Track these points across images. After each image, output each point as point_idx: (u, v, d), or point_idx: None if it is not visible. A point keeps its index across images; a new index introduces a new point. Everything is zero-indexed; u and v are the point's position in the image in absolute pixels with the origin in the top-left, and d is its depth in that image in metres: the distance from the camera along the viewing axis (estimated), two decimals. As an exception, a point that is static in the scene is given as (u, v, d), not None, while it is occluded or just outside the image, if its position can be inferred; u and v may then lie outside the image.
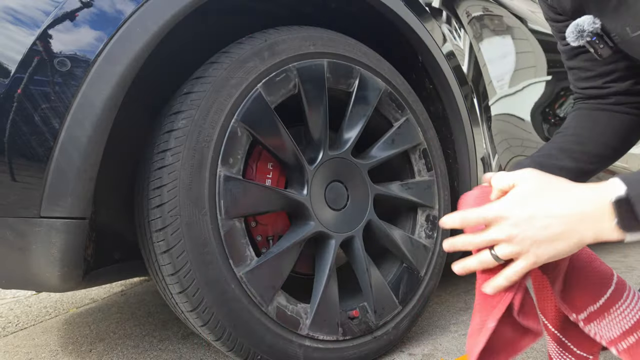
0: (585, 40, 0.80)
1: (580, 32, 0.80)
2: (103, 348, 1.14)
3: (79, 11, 0.67)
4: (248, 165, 0.94)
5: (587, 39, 0.80)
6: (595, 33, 0.79)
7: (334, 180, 0.94)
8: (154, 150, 0.76)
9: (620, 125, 0.85)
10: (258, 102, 0.82)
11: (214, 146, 0.76)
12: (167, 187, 0.72)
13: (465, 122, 1.21)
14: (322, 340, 0.85)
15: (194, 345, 1.13)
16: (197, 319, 0.74)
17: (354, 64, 0.98)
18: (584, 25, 0.79)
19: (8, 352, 1.17)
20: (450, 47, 1.21)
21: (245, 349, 0.77)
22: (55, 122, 0.64)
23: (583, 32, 0.79)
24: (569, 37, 0.81)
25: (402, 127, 1.06)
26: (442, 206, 1.13)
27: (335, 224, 0.93)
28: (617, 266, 1.96)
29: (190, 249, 0.72)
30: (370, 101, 0.99)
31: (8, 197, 0.63)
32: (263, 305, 0.79)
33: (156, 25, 0.71)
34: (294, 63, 0.88)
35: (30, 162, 0.64)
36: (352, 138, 0.96)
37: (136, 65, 0.69)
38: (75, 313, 1.57)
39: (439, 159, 1.14)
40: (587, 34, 0.79)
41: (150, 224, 0.74)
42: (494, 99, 1.38)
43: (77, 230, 0.67)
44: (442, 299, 1.47)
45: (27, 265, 0.67)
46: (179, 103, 0.77)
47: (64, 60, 0.65)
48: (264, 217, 0.96)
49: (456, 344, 1.03)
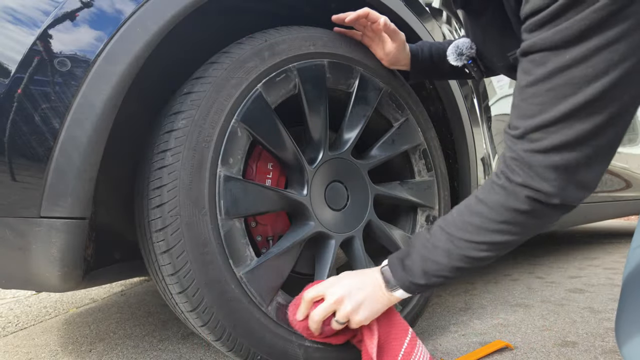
0: (462, 62, 0.93)
1: (459, 54, 0.93)
2: (103, 348, 1.14)
3: (79, 11, 0.67)
4: (248, 165, 0.94)
5: (464, 61, 0.93)
6: (471, 57, 0.92)
7: (334, 180, 0.94)
8: (154, 150, 0.76)
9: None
10: (258, 102, 0.82)
11: (214, 146, 0.76)
12: (167, 187, 0.72)
13: (465, 122, 1.21)
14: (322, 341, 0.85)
15: (193, 345, 1.13)
16: (197, 319, 0.74)
17: (354, 64, 0.98)
18: (462, 48, 0.93)
19: (8, 352, 1.17)
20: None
21: (245, 349, 0.77)
22: (55, 122, 0.64)
23: (462, 54, 0.93)
24: (450, 57, 0.94)
25: (402, 128, 1.06)
26: (442, 206, 1.13)
27: (335, 224, 0.93)
28: (617, 266, 1.96)
29: (190, 249, 0.72)
30: (370, 101, 0.99)
31: (8, 197, 0.63)
32: (263, 305, 0.79)
33: (156, 25, 0.71)
34: (294, 63, 0.88)
35: (30, 162, 0.64)
36: (352, 138, 0.96)
37: (136, 65, 0.69)
38: (75, 313, 1.57)
39: (439, 159, 1.14)
40: (464, 57, 0.92)
41: (150, 224, 0.74)
42: (494, 99, 1.38)
43: (77, 230, 0.67)
44: (442, 299, 1.47)
45: (27, 265, 0.67)
46: (179, 103, 0.77)
47: (64, 60, 0.65)
48: (264, 217, 0.96)
49: (456, 344, 1.03)
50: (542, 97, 0.56)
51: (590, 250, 2.55)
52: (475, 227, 0.67)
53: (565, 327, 1.13)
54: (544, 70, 0.55)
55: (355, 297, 0.75)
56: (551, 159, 0.57)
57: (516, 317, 1.23)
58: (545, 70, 0.55)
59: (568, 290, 1.53)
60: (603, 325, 1.13)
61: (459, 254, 0.69)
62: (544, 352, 0.96)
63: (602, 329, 1.10)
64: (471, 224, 0.67)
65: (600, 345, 0.99)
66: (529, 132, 0.58)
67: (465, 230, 0.68)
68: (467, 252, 0.68)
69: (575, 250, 2.55)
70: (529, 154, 0.59)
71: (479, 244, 0.67)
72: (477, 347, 1.00)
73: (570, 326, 1.13)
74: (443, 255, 0.70)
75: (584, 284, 1.64)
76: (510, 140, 0.62)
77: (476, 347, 1.00)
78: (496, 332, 1.11)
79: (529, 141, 0.59)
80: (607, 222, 4.62)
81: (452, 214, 0.72)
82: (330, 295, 0.76)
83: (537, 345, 1.01)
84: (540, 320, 1.19)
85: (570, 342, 1.01)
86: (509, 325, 1.16)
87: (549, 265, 2.08)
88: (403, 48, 1.00)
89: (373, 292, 0.76)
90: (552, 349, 0.98)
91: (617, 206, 2.35)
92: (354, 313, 0.75)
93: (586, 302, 1.37)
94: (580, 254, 2.39)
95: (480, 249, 0.67)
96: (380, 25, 0.95)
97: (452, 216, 0.71)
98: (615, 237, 3.25)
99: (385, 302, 0.77)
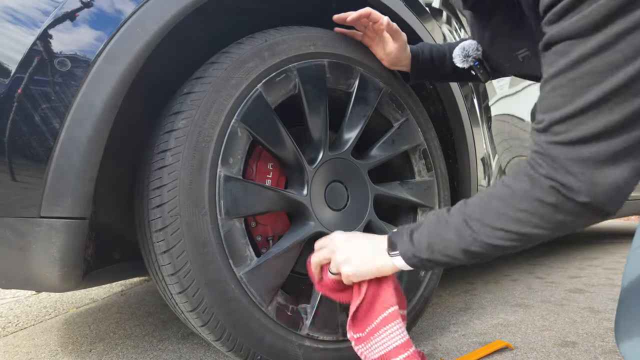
0: (469, 64, 0.94)
1: (465, 56, 0.93)
2: (103, 348, 1.14)
3: (79, 11, 0.67)
4: (248, 165, 0.94)
5: (470, 63, 0.93)
6: (477, 58, 0.93)
7: (334, 180, 0.94)
8: (154, 150, 0.76)
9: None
10: (258, 102, 0.82)
11: (214, 146, 0.76)
12: (167, 187, 0.72)
13: (465, 122, 1.21)
14: (322, 341, 0.85)
15: (193, 345, 1.13)
16: (197, 319, 0.74)
17: (354, 64, 0.98)
18: (469, 50, 0.93)
19: (8, 352, 1.17)
20: (450, 47, 1.21)
21: (245, 349, 0.77)
22: (55, 122, 0.64)
23: (468, 56, 0.93)
24: (456, 59, 0.95)
25: (402, 128, 1.06)
26: (442, 206, 1.13)
27: (335, 224, 0.92)
28: (617, 266, 1.96)
29: (190, 249, 0.72)
30: (370, 101, 0.99)
31: (8, 197, 0.63)
32: (263, 305, 0.79)
33: (156, 25, 0.71)
34: (294, 63, 0.88)
35: (30, 162, 0.64)
36: (352, 138, 0.96)
37: (136, 65, 0.69)
38: (75, 313, 1.57)
39: (439, 159, 1.14)
40: (471, 59, 0.93)
41: (150, 224, 0.74)
42: (494, 99, 1.38)
43: (77, 230, 0.67)
44: (442, 299, 1.47)
45: (27, 265, 0.67)
46: (179, 103, 0.77)
47: (64, 60, 0.65)
48: (264, 217, 0.96)
49: (456, 344, 1.03)
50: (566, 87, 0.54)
51: (590, 250, 2.55)
52: (494, 211, 0.63)
53: (565, 327, 1.13)
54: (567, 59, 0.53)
55: (348, 250, 0.75)
56: (577, 151, 0.54)
57: (516, 317, 1.23)
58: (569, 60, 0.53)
59: (568, 291, 1.53)
60: (603, 325, 1.13)
61: (472, 236, 0.65)
62: (544, 352, 0.96)
63: (602, 329, 1.10)
64: (491, 207, 0.63)
65: (600, 345, 0.99)
66: (553, 125, 0.56)
67: (483, 213, 0.64)
68: (481, 236, 0.64)
69: (575, 250, 2.55)
70: (551, 146, 0.56)
71: (495, 229, 0.63)
72: (477, 347, 1.00)
73: (570, 326, 1.13)
74: (454, 233, 0.66)
75: (584, 284, 1.64)
76: (535, 134, 0.60)
77: (476, 347, 1.00)
78: (496, 332, 1.11)
79: (552, 134, 0.56)
80: (607, 222, 4.62)
81: (475, 196, 0.68)
82: (330, 244, 0.78)
83: (537, 345, 1.01)
84: (540, 320, 1.19)
85: (570, 342, 1.01)
86: (509, 325, 1.16)
87: (549, 265, 2.08)
88: (404, 48, 1.00)
89: (369, 251, 0.75)
90: (552, 349, 0.98)
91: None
92: (343, 264, 0.75)
93: (586, 302, 1.37)
94: (580, 254, 2.39)
95: (496, 236, 0.63)
96: (383, 24, 0.95)
97: (474, 198, 0.67)
98: (616, 237, 3.25)
99: (379, 264, 0.75)
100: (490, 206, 0.63)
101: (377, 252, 0.75)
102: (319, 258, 0.78)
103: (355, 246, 0.76)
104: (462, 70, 1.03)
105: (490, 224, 0.63)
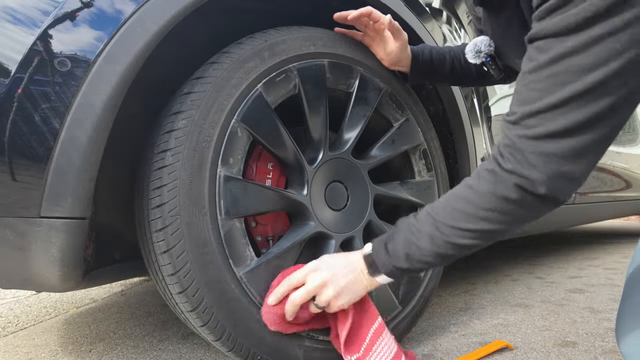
0: (481, 60, 0.94)
1: (477, 52, 0.93)
2: (103, 348, 1.14)
3: (79, 11, 0.67)
4: (248, 165, 0.94)
5: (482, 59, 0.93)
6: (489, 54, 0.93)
7: (334, 180, 0.94)
8: (154, 150, 0.76)
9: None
10: (258, 102, 0.82)
11: (214, 146, 0.76)
12: (167, 187, 0.72)
13: (465, 122, 1.21)
14: (322, 341, 0.85)
15: (193, 345, 1.13)
16: (197, 319, 0.74)
17: (354, 64, 0.98)
18: (480, 46, 0.93)
19: (8, 352, 1.17)
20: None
21: (245, 349, 0.77)
22: (55, 122, 0.64)
23: (480, 52, 0.93)
24: (468, 55, 0.95)
25: (402, 128, 1.06)
26: (442, 206, 1.13)
27: (335, 224, 0.93)
28: (617, 266, 1.96)
29: (190, 249, 0.72)
30: (370, 101, 0.99)
31: (8, 197, 0.63)
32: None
33: (156, 25, 0.71)
34: (294, 63, 0.88)
35: (30, 162, 0.64)
36: (352, 138, 0.96)
37: (137, 65, 0.69)
38: (75, 313, 1.57)
39: (439, 160, 1.14)
40: (483, 54, 0.93)
41: (150, 224, 0.74)
42: (494, 99, 1.38)
43: (77, 230, 0.67)
44: (442, 300, 1.47)
45: (27, 265, 0.67)
46: (179, 103, 0.77)
47: (64, 60, 0.65)
48: (264, 217, 0.96)
49: (456, 344, 1.03)
50: (541, 83, 0.56)
51: (590, 250, 2.55)
52: (462, 214, 0.65)
53: (565, 327, 1.13)
54: (546, 56, 0.55)
55: (338, 282, 0.75)
56: (543, 146, 0.57)
57: (516, 317, 1.23)
58: (547, 57, 0.55)
59: (568, 291, 1.53)
60: (603, 325, 1.13)
61: (444, 240, 0.67)
62: (544, 352, 0.96)
63: (602, 329, 1.10)
64: (458, 210, 0.66)
65: (600, 345, 0.99)
66: (525, 118, 0.58)
67: (451, 217, 0.66)
68: (452, 239, 0.67)
69: (575, 250, 2.55)
70: (522, 139, 0.58)
71: (464, 231, 0.65)
72: (477, 347, 1.00)
73: (570, 326, 1.13)
74: (427, 240, 0.69)
75: (584, 284, 1.64)
76: (506, 126, 0.62)
77: (476, 347, 1.00)
78: (496, 332, 1.11)
79: (524, 127, 0.58)
80: (607, 222, 4.62)
81: (440, 200, 0.71)
82: (313, 280, 0.75)
83: (537, 345, 1.01)
84: (541, 321, 1.19)
85: (570, 342, 1.01)
86: (509, 326, 1.16)
87: (549, 265, 2.08)
88: (405, 48, 1.00)
89: (355, 277, 0.76)
90: (552, 349, 0.98)
91: (617, 206, 2.35)
92: (336, 298, 0.75)
93: (586, 302, 1.37)
94: (580, 254, 2.39)
95: (465, 237, 0.66)
96: (384, 23, 0.95)
97: (440, 202, 0.70)
98: (616, 237, 3.25)
99: (366, 287, 0.77)
100: (458, 210, 0.66)
101: (360, 275, 0.76)
102: (306, 295, 0.75)
103: (340, 275, 0.75)
104: (462, 72, 1.04)
105: (458, 225, 0.66)
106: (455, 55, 1.04)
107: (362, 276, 0.76)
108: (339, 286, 0.75)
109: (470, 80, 1.07)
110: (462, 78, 1.06)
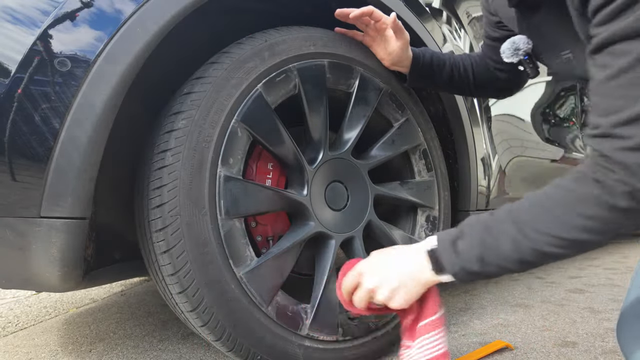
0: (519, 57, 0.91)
1: (516, 49, 0.91)
2: (103, 348, 1.14)
3: (79, 11, 0.67)
4: (248, 165, 0.94)
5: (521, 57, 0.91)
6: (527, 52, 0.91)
7: (334, 180, 0.94)
8: (154, 150, 0.76)
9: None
10: (258, 103, 0.82)
11: (214, 146, 0.76)
12: (167, 187, 0.72)
13: (465, 122, 1.21)
14: (322, 341, 0.85)
15: (193, 345, 1.13)
16: (197, 319, 0.74)
17: (354, 64, 0.98)
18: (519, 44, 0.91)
19: (8, 352, 1.17)
20: (450, 47, 1.21)
21: (245, 349, 0.77)
22: (55, 122, 0.64)
23: (518, 50, 0.91)
24: (505, 53, 0.92)
25: (402, 128, 1.06)
26: (442, 207, 1.13)
27: (335, 224, 0.92)
28: (617, 266, 1.96)
29: (190, 249, 0.72)
30: (370, 102, 0.99)
31: (8, 197, 0.63)
32: (263, 305, 0.79)
33: (156, 25, 0.71)
34: (294, 63, 0.88)
35: (30, 162, 0.64)
36: (352, 138, 0.96)
37: (137, 65, 0.69)
38: (75, 313, 1.58)
39: (439, 160, 1.14)
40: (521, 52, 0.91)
41: (150, 224, 0.74)
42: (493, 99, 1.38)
43: (77, 230, 0.67)
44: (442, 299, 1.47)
45: (27, 265, 0.67)
46: (179, 103, 0.77)
47: (64, 60, 0.65)
48: (264, 217, 0.96)
49: (456, 344, 1.03)
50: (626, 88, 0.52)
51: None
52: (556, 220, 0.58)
53: (565, 327, 1.13)
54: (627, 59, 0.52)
55: (389, 285, 0.69)
56: None
57: (516, 317, 1.23)
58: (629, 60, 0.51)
59: (568, 291, 1.53)
60: (603, 325, 1.13)
61: (529, 246, 0.60)
62: (544, 352, 0.96)
63: (602, 329, 1.10)
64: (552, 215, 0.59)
65: (600, 345, 0.99)
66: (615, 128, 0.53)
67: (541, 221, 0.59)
68: (540, 246, 0.60)
69: (575, 251, 2.54)
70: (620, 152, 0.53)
71: (556, 238, 0.58)
72: (477, 347, 1.00)
73: (570, 326, 1.13)
74: (509, 244, 0.61)
75: (584, 284, 1.64)
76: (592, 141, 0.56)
77: (476, 347, 1.00)
78: (496, 332, 1.11)
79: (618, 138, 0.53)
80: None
81: (523, 201, 0.63)
82: (365, 284, 0.71)
83: (537, 345, 1.01)
84: (541, 321, 1.19)
85: (570, 342, 1.01)
86: (509, 326, 1.16)
87: (549, 265, 2.09)
88: (407, 48, 1.00)
89: (411, 277, 0.69)
90: (552, 349, 0.98)
91: None
92: (389, 300, 0.70)
93: (586, 302, 1.37)
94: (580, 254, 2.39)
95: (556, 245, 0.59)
96: (386, 23, 0.95)
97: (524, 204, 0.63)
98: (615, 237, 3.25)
99: (424, 285, 0.70)
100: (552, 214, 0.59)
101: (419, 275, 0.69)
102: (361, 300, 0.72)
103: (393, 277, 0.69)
104: (459, 81, 1.04)
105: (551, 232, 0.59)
106: (455, 63, 1.04)
107: (420, 274, 0.69)
108: (390, 289, 0.69)
109: (467, 90, 1.08)
110: (459, 86, 1.06)
